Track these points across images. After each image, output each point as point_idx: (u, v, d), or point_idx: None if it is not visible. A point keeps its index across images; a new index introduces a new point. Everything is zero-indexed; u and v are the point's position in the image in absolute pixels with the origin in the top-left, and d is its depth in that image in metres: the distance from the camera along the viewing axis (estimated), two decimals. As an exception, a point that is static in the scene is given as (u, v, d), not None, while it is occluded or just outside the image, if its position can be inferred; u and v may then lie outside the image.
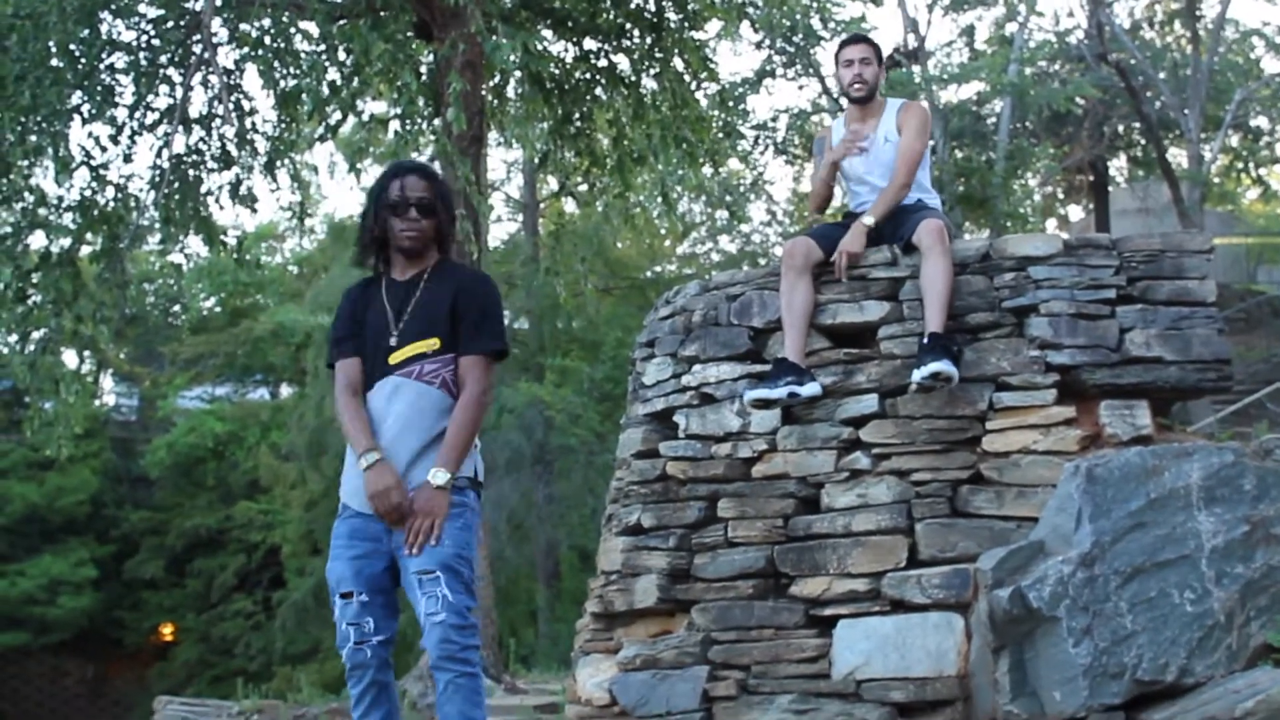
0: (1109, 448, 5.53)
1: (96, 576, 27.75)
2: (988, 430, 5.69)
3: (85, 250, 12.69)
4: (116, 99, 12.11)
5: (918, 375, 5.57)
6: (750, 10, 13.98)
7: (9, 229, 12.32)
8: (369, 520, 4.42)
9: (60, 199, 12.30)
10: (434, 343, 4.47)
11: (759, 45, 23.62)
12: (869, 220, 6.10)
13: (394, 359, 4.47)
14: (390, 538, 4.40)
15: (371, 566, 4.41)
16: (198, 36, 11.99)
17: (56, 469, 26.11)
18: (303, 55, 12.21)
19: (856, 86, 6.40)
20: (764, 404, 5.87)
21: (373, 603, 4.40)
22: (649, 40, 13.10)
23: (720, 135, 14.04)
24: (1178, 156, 25.01)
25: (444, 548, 4.32)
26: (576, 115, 13.75)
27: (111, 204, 12.33)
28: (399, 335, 4.49)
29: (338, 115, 12.98)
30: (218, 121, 12.55)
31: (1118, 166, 30.21)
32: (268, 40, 12.19)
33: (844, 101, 6.64)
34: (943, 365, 5.51)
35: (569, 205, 23.77)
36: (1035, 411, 5.65)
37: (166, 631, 29.32)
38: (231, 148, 12.57)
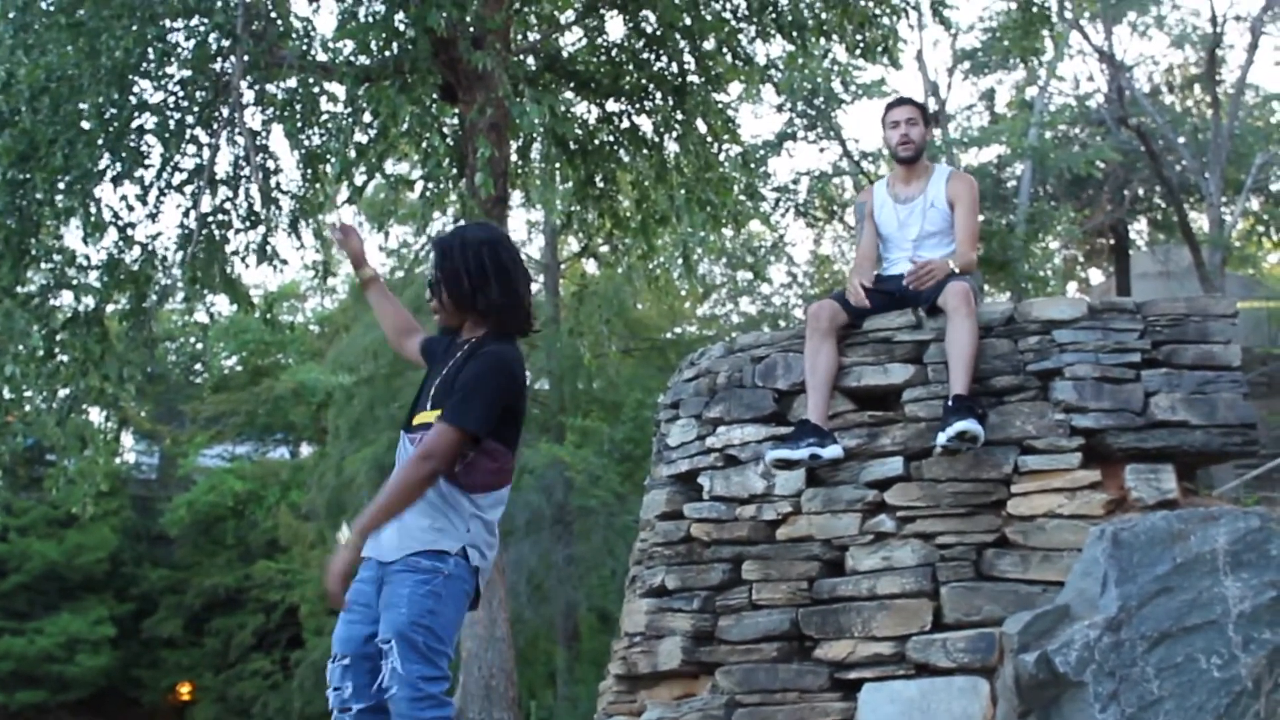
0: (1134, 511, 5.52)
1: (115, 635, 27.72)
2: (1013, 493, 5.70)
3: (111, 309, 12.75)
4: (145, 159, 12.21)
5: (943, 437, 5.58)
6: (772, 73, 14.05)
7: (36, 289, 12.40)
8: (365, 579, 4.30)
9: (88, 258, 12.38)
10: (438, 414, 4.33)
11: (780, 108, 23.79)
12: (954, 265, 6.10)
13: (416, 420, 4.42)
14: (379, 600, 4.21)
15: (357, 630, 4.23)
16: (225, 98, 12.10)
17: (76, 527, 26.17)
18: (328, 117, 12.32)
19: (904, 147, 6.48)
20: (786, 464, 5.88)
21: (354, 667, 4.20)
22: (671, 102, 13.18)
23: (743, 197, 14.08)
24: (1198, 220, 25.06)
25: (399, 615, 4.06)
26: (600, 177, 13.81)
27: (138, 264, 12.41)
28: (430, 399, 4.41)
29: (363, 176, 13.06)
30: (244, 181, 12.64)
31: (1138, 230, 30.26)
32: (294, 102, 12.31)
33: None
34: (968, 424, 5.51)
35: (591, 266, 23.85)
36: (1060, 475, 5.65)
37: (184, 691, 29.24)
38: (258, 207, 12.65)
